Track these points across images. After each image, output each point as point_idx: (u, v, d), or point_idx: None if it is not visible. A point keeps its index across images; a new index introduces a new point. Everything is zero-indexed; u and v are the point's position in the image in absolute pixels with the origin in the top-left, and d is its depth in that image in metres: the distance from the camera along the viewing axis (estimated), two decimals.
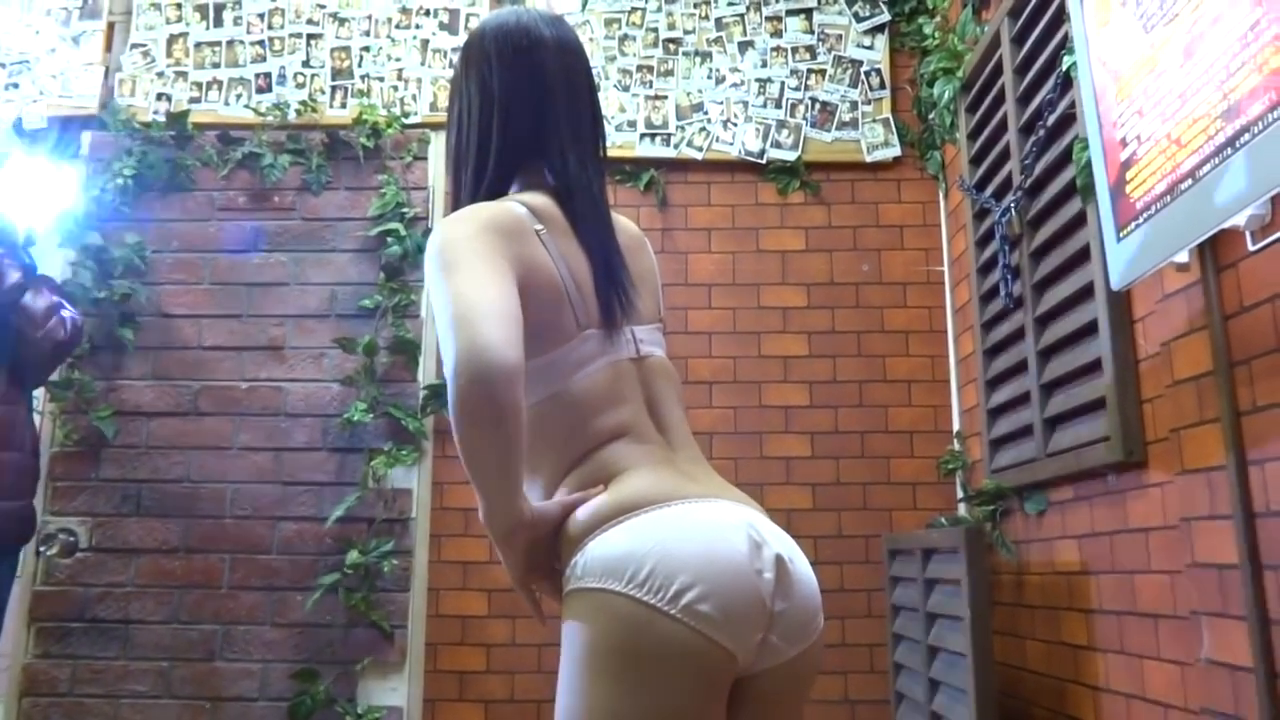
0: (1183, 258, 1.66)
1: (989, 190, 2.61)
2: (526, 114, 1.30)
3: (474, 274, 1.11)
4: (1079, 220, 2.09)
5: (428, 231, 3.05)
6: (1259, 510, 1.49)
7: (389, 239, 3.02)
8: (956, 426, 2.94)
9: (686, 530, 1.10)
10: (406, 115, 3.14)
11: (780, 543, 1.15)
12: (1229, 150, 1.39)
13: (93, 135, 3.13)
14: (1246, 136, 1.34)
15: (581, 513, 1.14)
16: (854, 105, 3.16)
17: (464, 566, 2.90)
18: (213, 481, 2.93)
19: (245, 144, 3.11)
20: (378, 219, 3.05)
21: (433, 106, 3.15)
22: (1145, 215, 1.62)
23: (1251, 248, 1.52)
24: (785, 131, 3.15)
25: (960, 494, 2.86)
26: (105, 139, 3.12)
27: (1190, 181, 1.49)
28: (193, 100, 3.16)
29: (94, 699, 2.80)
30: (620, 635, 1.05)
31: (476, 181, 1.29)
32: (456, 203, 1.31)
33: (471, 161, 1.30)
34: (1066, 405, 2.14)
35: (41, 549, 2.86)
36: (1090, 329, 2.04)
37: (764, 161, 3.13)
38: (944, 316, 3.03)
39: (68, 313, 2.41)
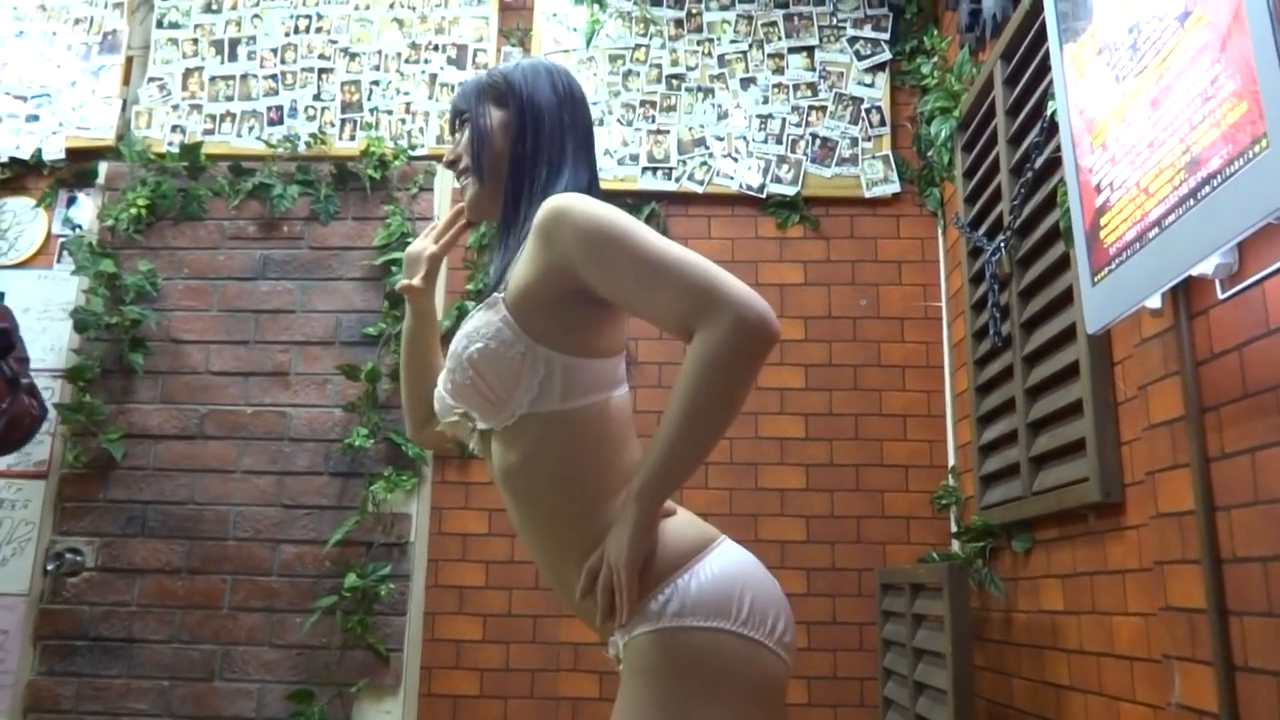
0: (1155, 303, 1.68)
1: (982, 229, 2.64)
2: (582, 150, 1.38)
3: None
4: (1063, 263, 2.12)
5: None
6: (1225, 557, 1.50)
7: (393, 268, 3.08)
8: (951, 462, 2.95)
9: (751, 568, 1.19)
10: (414, 148, 3.21)
11: None
12: (1191, 202, 1.41)
13: (109, 166, 3.22)
14: (1206, 189, 1.37)
15: (661, 547, 1.16)
16: (854, 142, 3.20)
17: (460, 591, 2.93)
18: (216, 504, 2.98)
19: (256, 175, 3.19)
20: (383, 248, 3.11)
21: (439, 139, 3.22)
22: (1117, 261, 1.65)
23: (1221, 296, 1.54)
24: (785, 167, 3.19)
25: (954, 529, 2.86)
26: (121, 169, 3.21)
27: (1157, 230, 1.51)
28: (206, 132, 3.25)
29: (96, 717, 2.84)
30: (737, 672, 1.10)
31: (550, 184, 1.32)
32: (515, 198, 1.33)
33: (544, 169, 1.34)
34: (1051, 445, 2.16)
35: (49, 568, 2.92)
36: (1073, 370, 2.06)
37: (764, 196, 3.17)
38: (941, 352, 3.05)
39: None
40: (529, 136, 1.35)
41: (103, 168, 3.22)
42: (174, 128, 3.25)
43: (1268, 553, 1.39)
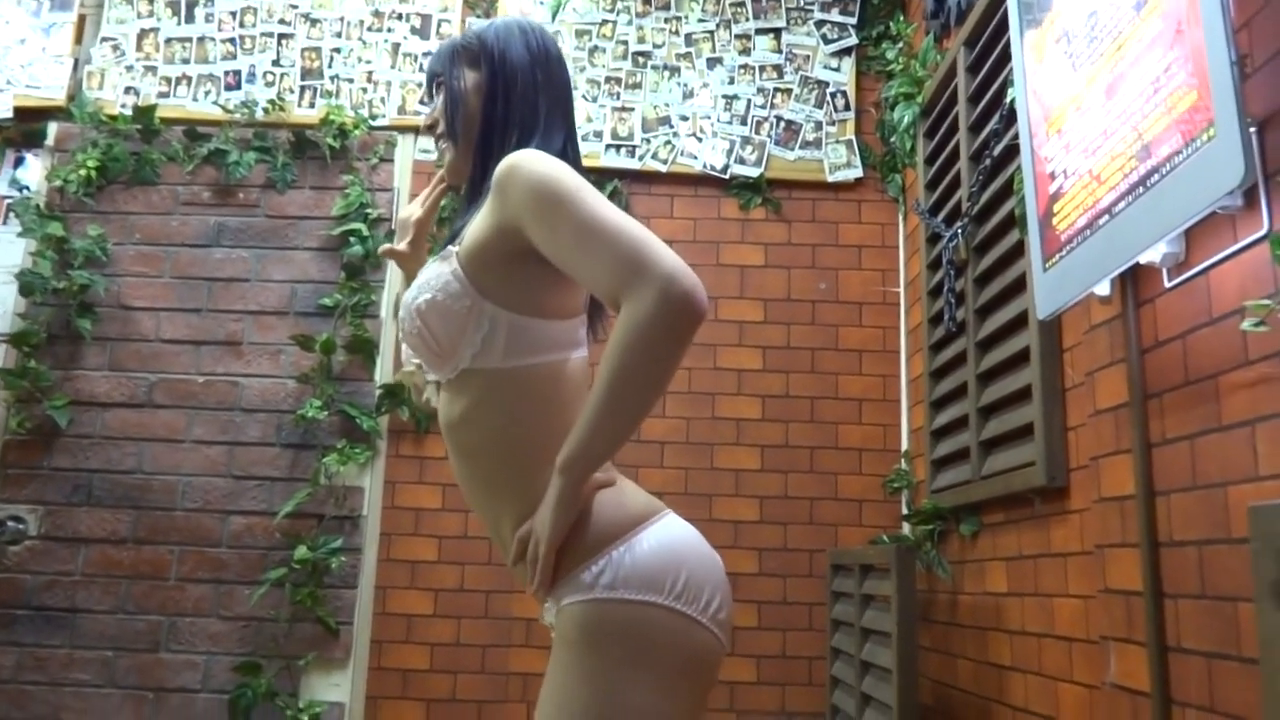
0: (1104, 290, 1.70)
1: (941, 215, 2.65)
2: (557, 110, 1.36)
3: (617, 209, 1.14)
4: (1018, 250, 2.14)
5: (391, 233, 3.07)
6: (1163, 540, 1.53)
7: (351, 239, 3.04)
8: (904, 446, 2.98)
9: (692, 543, 1.18)
10: (374, 117, 3.16)
11: None
12: (1141, 189, 1.43)
13: (59, 126, 3.14)
14: (1155, 177, 1.39)
15: (597, 517, 1.16)
16: (818, 125, 3.21)
17: (412, 566, 2.92)
18: (165, 473, 2.94)
19: (211, 140, 3.12)
20: (341, 219, 3.07)
21: (401, 109, 3.18)
22: (1068, 247, 1.67)
23: (1167, 284, 1.56)
24: (750, 148, 3.19)
25: (904, 512, 2.89)
26: (71, 130, 3.13)
27: (1107, 217, 1.53)
28: (161, 95, 3.17)
29: (37, 687, 2.80)
30: (666, 646, 1.10)
31: (521, 146, 1.28)
32: (485, 160, 1.30)
33: (515, 131, 1.31)
34: (1000, 430, 2.18)
35: None
36: (1023, 356, 2.08)
37: (727, 177, 3.17)
38: (897, 337, 3.08)
39: None
40: (500, 97, 1.33)
41: (52, 128, 3.14)
42: (127, 89, 3.17)
43: (1202, 536, 1.42)
